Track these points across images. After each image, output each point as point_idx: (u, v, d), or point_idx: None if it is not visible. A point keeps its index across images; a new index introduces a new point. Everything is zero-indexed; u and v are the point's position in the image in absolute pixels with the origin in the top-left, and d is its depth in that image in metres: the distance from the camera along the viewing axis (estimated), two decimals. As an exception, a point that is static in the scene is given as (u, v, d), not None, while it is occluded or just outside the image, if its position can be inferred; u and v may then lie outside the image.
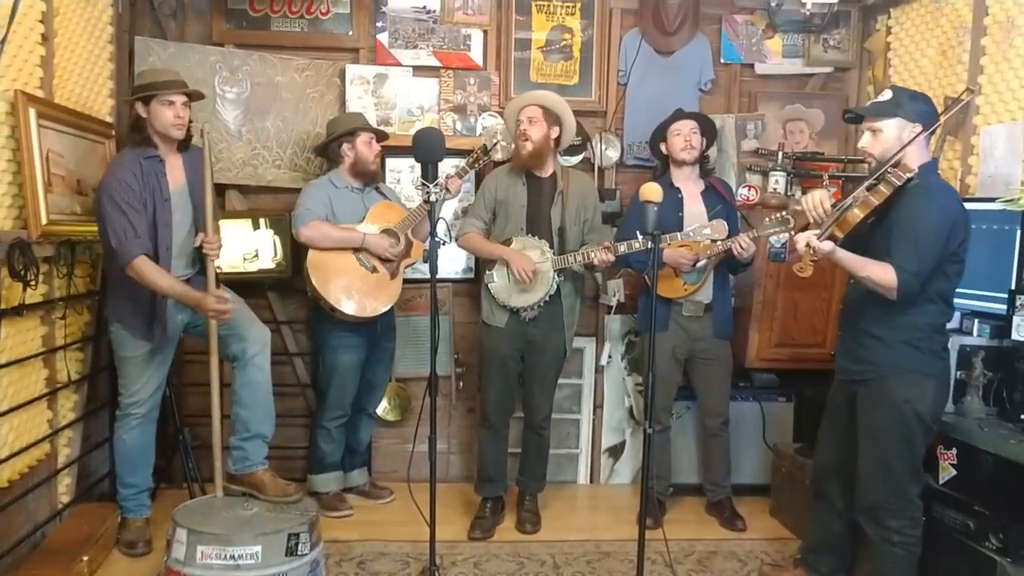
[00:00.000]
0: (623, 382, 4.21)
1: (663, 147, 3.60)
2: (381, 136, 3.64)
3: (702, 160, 3.61)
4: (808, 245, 2.48)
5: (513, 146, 3.53)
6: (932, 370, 2.58)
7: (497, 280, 3.46)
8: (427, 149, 2.60)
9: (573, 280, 3.54)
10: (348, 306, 3.42)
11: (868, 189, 2.54)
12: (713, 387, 3.66)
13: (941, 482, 2.80)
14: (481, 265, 3.79)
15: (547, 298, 3.40)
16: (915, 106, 2.58)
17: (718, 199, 3.56)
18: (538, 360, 3.52)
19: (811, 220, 2.67)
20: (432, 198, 2.58)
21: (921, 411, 2.55)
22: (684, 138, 3.50)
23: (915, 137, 2.53)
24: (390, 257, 3.49)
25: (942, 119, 3.12)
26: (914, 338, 2.56)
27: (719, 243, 3.35)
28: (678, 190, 3.48)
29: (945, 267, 2.51)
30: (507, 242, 3.44)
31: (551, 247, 3.42)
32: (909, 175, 2.48)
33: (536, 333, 3.48)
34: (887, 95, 2.63)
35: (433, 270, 2.65)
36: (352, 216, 3.51)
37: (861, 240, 2.58)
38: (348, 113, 3.77)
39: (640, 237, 3.18)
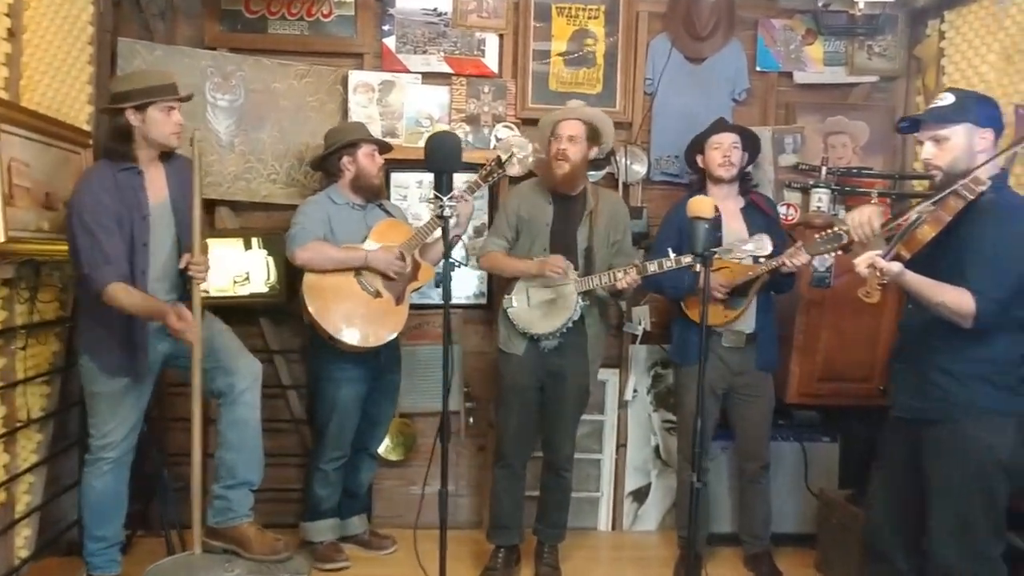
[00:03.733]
0: (649, 419, 3.84)
1: (699, 160, 3.28)
2: (384, 148, 3.31)
3: (743, 176, 3.28)
4: (872, 266, 2.19)
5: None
6: (1011, 409, 2.26)
7: (517, 305, 3.14)
8: (442, 157, 2.28)
9: (599, 307, 3.21)
10: (349, 335, 3.05)
11: (935, 203, 2.26)
12: (753, 427, 3.28)
13: (1034, 545, 2.43)
14: (495, 288, 3.47)
15: (570, 324, 3.06)
16: (983, 110, 2.29)
17: (760, 216, 3.23)
18: (558, 393, 3.17)
19: (856, 239, 2.40)
20: (447, 213, 2.24)
21: (1003, 458, 2.23)
22: (723, 152, 3.18)
23: (1001, 150, 2.28)
24: (395, 275, 3.12)
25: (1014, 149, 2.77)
26: (991, 373, 2.25)
27: (764, 263, 3.01)
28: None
29: None
30: None
31: (576, 269, 3.09)
32: (983, 188, 2.20)
33: (557, 363, 3.13)
34: (948, 99, 2.31)
35: (447, 295, 2.32)
36: (353, 236, 3.16)
37: (921, 260, 2.26)
38: (348, 123, 3.43)
39: (672, 255, 2.84)
